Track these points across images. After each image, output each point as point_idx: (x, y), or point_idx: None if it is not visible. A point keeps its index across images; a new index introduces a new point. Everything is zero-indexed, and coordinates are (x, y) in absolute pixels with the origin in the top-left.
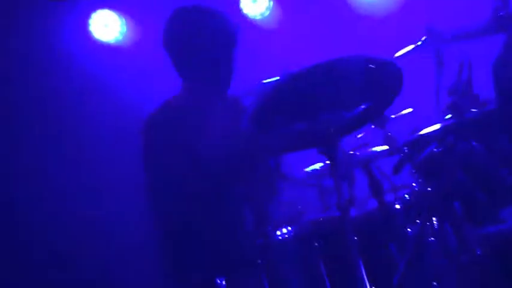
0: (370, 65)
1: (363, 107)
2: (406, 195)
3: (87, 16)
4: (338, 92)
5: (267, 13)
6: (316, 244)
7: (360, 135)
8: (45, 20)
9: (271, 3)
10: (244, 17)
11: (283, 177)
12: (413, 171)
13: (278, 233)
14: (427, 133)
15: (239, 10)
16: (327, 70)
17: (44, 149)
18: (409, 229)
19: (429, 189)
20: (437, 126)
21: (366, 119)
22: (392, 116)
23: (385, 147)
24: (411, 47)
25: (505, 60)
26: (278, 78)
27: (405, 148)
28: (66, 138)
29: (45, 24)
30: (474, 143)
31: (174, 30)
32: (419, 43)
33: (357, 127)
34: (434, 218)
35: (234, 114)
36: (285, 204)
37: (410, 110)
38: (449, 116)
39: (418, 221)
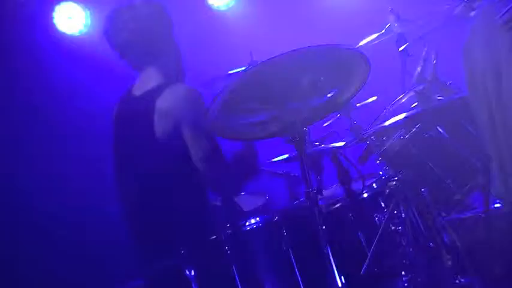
0: (336, 53)
1: (329, 95)
2: (374, 184)
3: (51, 9)
4: (305, 80)
5: (232, 3)
6: (285, 233)
7: (326, 124)
8: (8, 13)
9: None
10: (208, 8)
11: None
12: (380, 159)
13: (247, 222)
14: (394, 121)
15: (204, 1)
16: (293, 59)
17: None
18: (377, 217)
19: (396, 177)
20: (403, 115)
21: (332, 107)
22: (358, 105)
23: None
24: (375, 35)
25: (474, 45)
26: (244, 68)
27: (372, 137)
28: (32, 129)
29: (9, 16)
30: (441, 130)
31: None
32: (383, 31)
33: (323, 115)
34: (402, 206)
35: None
36: (253, 193)
37: (374, 98)
38: (415, 104)
39: (385, 209)
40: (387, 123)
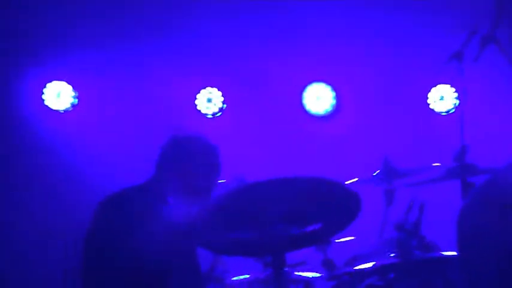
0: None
1: (315, 227)
2: None
3: (43, 85)
4: (294, 208)
5: (219, 114)
6: None
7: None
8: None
9: (225, 105)
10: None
11: (217, 281)
12: None
13: None
14: (369, 267)
15: (194, 107)
16: (288, 186)
17: None
18: None
19: None
20: (379, 262)
21: (316, 238)
22: (336, 241)
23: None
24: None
25: (470, 212)
26: (225, 181)
27: (345, 276)
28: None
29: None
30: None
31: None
32: (374, 174)
33: (306, 245)
34: None
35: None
36: None
37: (352, 237)
38: (393, 254)
39: None
40: (362, 266)
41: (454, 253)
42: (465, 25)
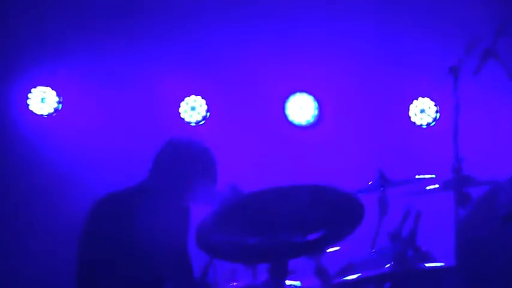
0: (335, 197)
1: (318, 234)
2: None
3: (28, 90)
4: (298, 216)
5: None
6: None
7: None
8: None
9: (208, 114)
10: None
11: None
12: None
13: None
14: (368, 275)
15: (178, 115)
16: (293, 194)
17: None
18: None
19: None
20: (378, 271)
21: (319, 246)
22: (329, 250)
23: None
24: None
25: (470, 224)
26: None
27: (340, 285)
28: None
29: None
30: None
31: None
32: (369, 183)
33: (308, 253)
34: None
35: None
36: None
37: (337, 248)
38: (388, 264)
39: None
40: (355, 276)
41: (448, 264)
42: (447, 38)
